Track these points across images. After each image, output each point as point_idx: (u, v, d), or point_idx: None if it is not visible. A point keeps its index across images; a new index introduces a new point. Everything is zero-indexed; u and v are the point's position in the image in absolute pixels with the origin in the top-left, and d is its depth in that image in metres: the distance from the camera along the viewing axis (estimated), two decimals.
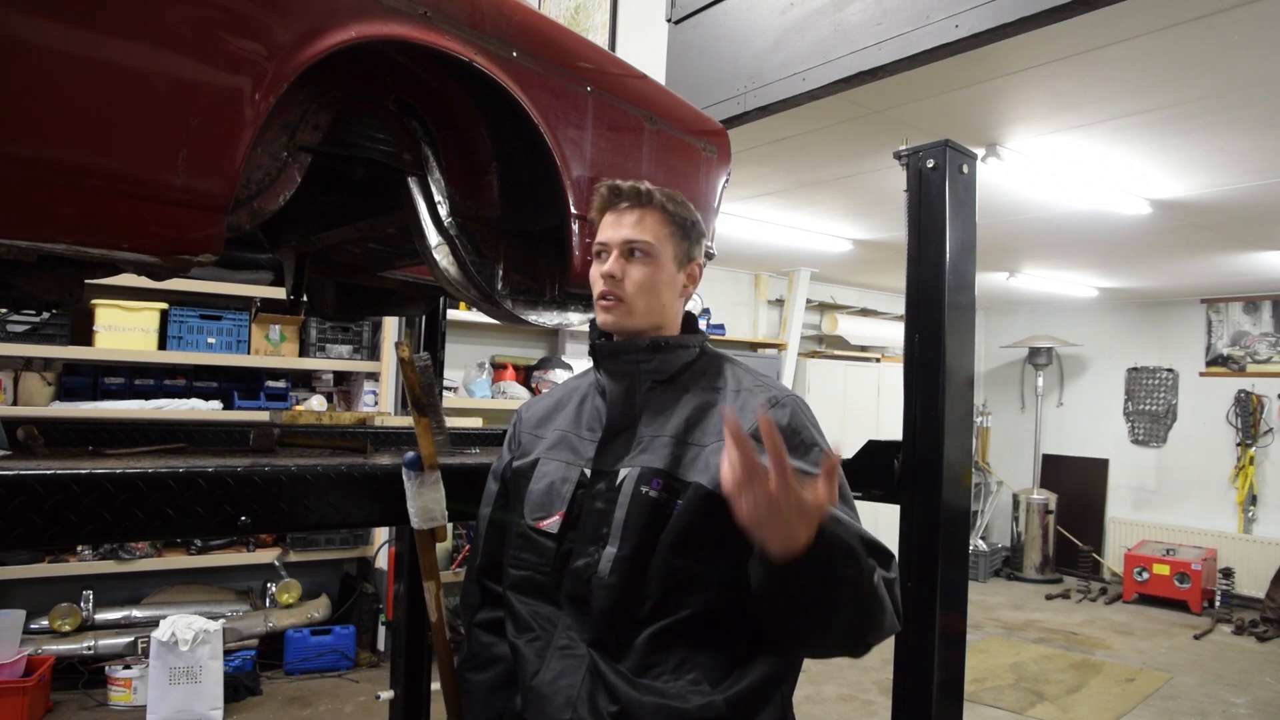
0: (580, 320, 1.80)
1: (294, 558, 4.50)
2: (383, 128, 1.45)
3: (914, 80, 2.62)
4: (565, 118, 1.56)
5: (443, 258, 1.52)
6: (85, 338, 3.95)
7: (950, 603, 1.55)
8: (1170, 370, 7.50)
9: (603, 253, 1.37)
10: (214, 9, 1.08)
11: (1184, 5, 2.29)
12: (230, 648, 3.96)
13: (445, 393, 4.50)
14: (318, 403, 4.55)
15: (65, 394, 3.98)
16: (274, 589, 4.37)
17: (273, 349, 4.39)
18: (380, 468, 1.39)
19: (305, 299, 1.99)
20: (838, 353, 7.39)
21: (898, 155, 1.69)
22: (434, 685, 1.79)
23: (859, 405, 7.09)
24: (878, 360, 7.56)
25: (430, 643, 1.94)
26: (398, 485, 1.38)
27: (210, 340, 4.21)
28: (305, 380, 4.72)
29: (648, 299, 1.35)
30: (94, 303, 3.91)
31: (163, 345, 4.09)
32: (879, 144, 3.51)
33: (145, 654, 3.69)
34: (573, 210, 1.56)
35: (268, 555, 4.40)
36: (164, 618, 3.70)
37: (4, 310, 3.53)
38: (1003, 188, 4.01)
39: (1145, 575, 6.75)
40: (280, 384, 4.44)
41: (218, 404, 4.24)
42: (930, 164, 1.62)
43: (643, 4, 3.50)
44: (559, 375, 5.23)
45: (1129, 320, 7.79)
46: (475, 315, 4.72)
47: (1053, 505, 7.57)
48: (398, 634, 2.49)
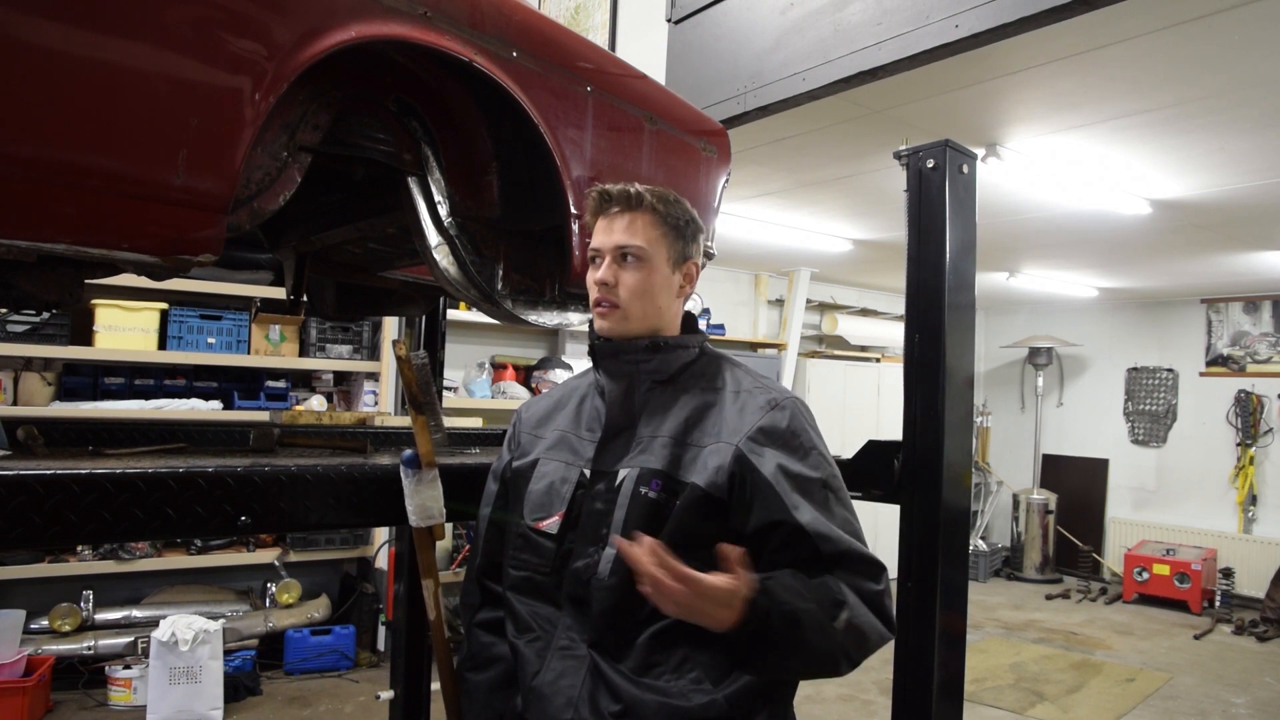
0: (580, 320, 1.80)
1: (294, 558, 4.50)
2: (383, 128, 1.45)
3: (914, 80, 2.62)
4: (565, 118, 1.56)
5: (443, 258, 1.52)
6: (85, 338, 3.95)
7: (950, 603, 1.55)
8: (1170, 370, 7.50)
9: (596, 258, 1.37)
10: (214, 9, 1.08)
11: (1184, 5, 2.29)
12: (230, 648, 3.96)
13: (445, 393, 4.50)
14: (318, 403, 4.55)
15: (65, 394, 3.98)
16: (274, 589, 4.37)
17: (273, 349, 4.39)
18: (380, 468, 1.39)
19: (305, 299, 1.99)
20: (838, 353, 7.39)
21: (898, 155, 1.69)
22: (434, 685, 1.79)
23: (859, 405, 7.09)
24: (878, 360, 7.56)
25: (430, 642, 1.94)
26: (397, 485, 1.38)
27: (210, 340, 4.20)
28: (305, 380, 4.72)
29: (642, 303, 1.35)
30: (94, 303, 3.91)
31: (163, 345, 4.09)
32: (879, 144, 3.51)
33: (145, 654, 3.69)
34: (573, 210, 1.56)
35: (268, 555, 4.40)
36: (164, 618, 3.71)
37: (4, 310, 3.53)
38: (1003, 188, 4.01)
39: (1145, 575, 6.75)
40: (280, 384, 4.44)
41: (218, 404, 4.24)
42: (930, 164, 1.63)
43: (643, 4, 3.50)
44: (559, 375, 5.23)
45: (1129, 320, 7.78)
46: (475, 315, 4.71)
47: (1053, 505, 7.57)
48: (398, 634, 2.50)
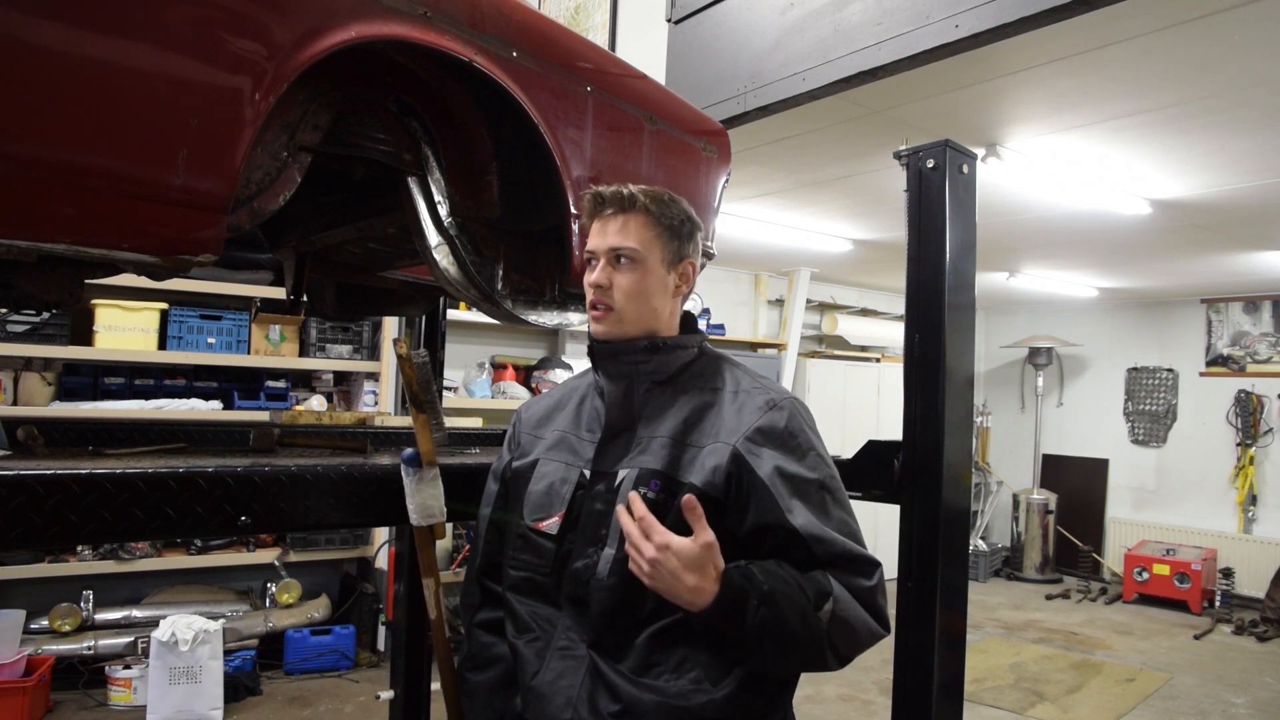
0: (580, 320, 1.79)
1: (294, 558, 4.50)
2: (383, 128, 1.45)
3: (914, 80, 2.62)
4: (565, 118, 1.55)
5: (443, 258, 1.52)
6: (85, 338, 3.95)
7: (950, 603, 1.54)
8: (1170, 370, 7.50)
9: (591, 260, 1.37)
10: (214, 9, 1.08)
11: (1184, 5, 2.29)
12: (230, 648, 3.96)
13: (445, 393, 4.50)
14: (318, 403, 4.55)
15: (65, 394, 3.98)
16: (274, 589, 4.37)
17: (273, 349, 4.39)
18: (380, 468, 1.39)
19: (305, 299, 1.99)
20: (838, 353, 7.39)
21: (898, 155, 1.68)
22: (434, 685, 1.79)
23: (859, 405, 7.09)
24: (878, 360, 7.56)
25: (430, 642, 1.94)
26: (398, 485, 1.38)
27: (210, 340, 4.20)
28: (305, 380, 4.72)
29: (637, 305, 1.34)
30: (94, 303, 3.91)
31: (163, 345, 4.09)
32: (879, 144, 3.51)
33: (145, 654, 3.69)
34: (573, 210, 1.55)
35: (268, 555, 4.40)
36: (164, 618, 3.71)
37: (4, 310, 3.53)
38: (1003, 188, 4.01)
39: (1145, 575, 6.75)
40: (280, 384, 4.44)
41: (218, 404, 4.24)
42: (930, 164, 1.62)
43: (643, 4, 3.50)
44: (559, 375, 5.23)
45: (1129, 320, 7.78)
46: (475, 315, 4.71)
47: (1053, 505, 7.57)
48: (398, 634, 2.49)
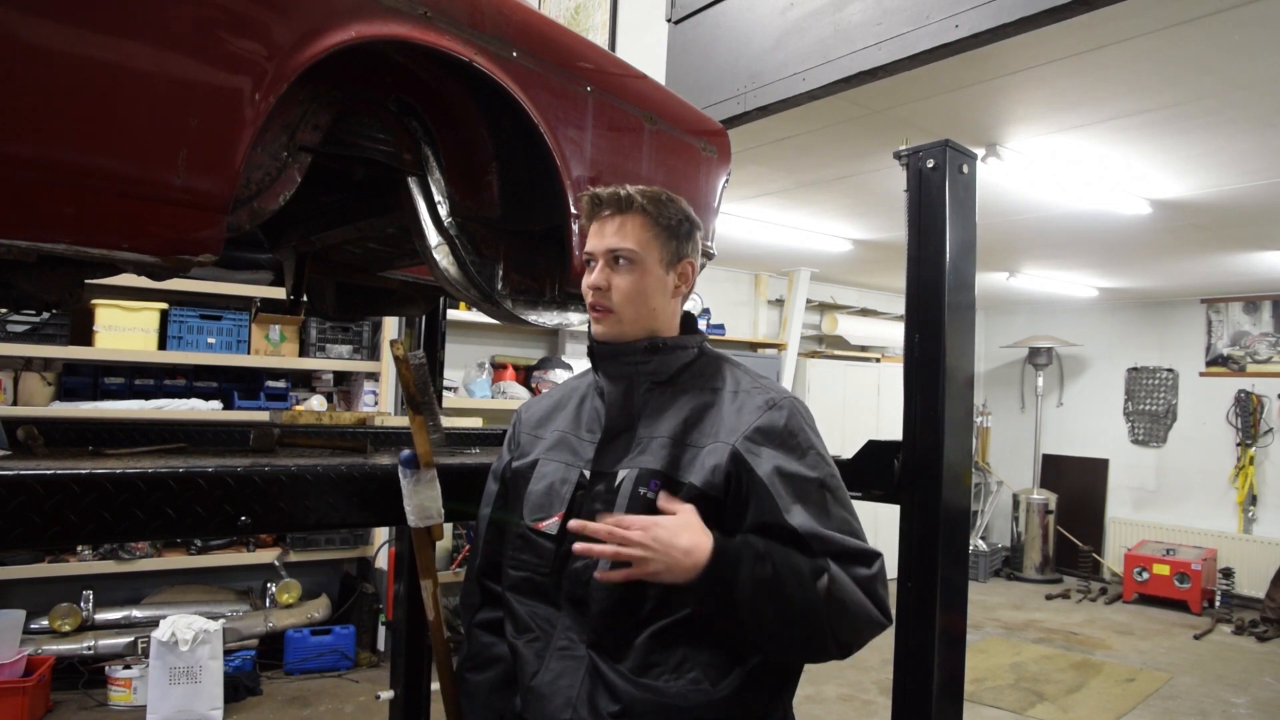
0: (580, 320, 1.79)
1: (294, 558, 4.49)
2: (383, 128, 1.45)
3: (914, 80, 2.62)
4: (565, 118, 1.55)
5: (443, 258, 1.52)
6: (85, 338, 3.95)
7: (950, 603, 1.54)
8: (1170, 370, 7.50)
9: (590, 261, 1.37)
10: (214, 9, 1.08)
11: (1183, 6, 2.29)
12: (230, 648, 3.96)
13: (445, 393, 4.50)
14: (318, 403, 4.55)
15: (65, 394, 3.98)
16: (274, 589, 4.37)
17: (273, 349, 4.39)
18: (380, 468, 1.39)
19: (305, 299, 1.99)
20: (838, 353, 7.39)
21: (898, 155, 1.68)
22: (434, 685, 1.79)
23: (859, 405, 7.09)
24: (878, 360, 7.56)
25: (430, 642, 1.94)
26: (397, 485, 1.38)
27: (210, 340, 4.20)
28: (305, 380, 4.72)
29: (635, 307, 1.34)
30: (94, 303, 3.90)
31: (163, 345, 4.09)
32: (879, 144, 3.51)
33: (145, 654, 3.69)
34: (573, 210, 1.55)
35: (268, 555, 4.40)
36: (164, 618, 3.70)
37: (4, 310, 3.53)
38: (1003, 188, 4.01)
39: (1145, 575, 6.75)
40: (280, 384, 4.43)
41: (218, 404, 4.24)
42: (930, 164, 1.62)
43: (643, 4, 3.50)
44: (559, 375, 5.23)
45: (1129, 320, 7.78)
46: (475, 315, 4.71)
47: (1053, 505, 7.57)
48: (398, 634, 2.49)
